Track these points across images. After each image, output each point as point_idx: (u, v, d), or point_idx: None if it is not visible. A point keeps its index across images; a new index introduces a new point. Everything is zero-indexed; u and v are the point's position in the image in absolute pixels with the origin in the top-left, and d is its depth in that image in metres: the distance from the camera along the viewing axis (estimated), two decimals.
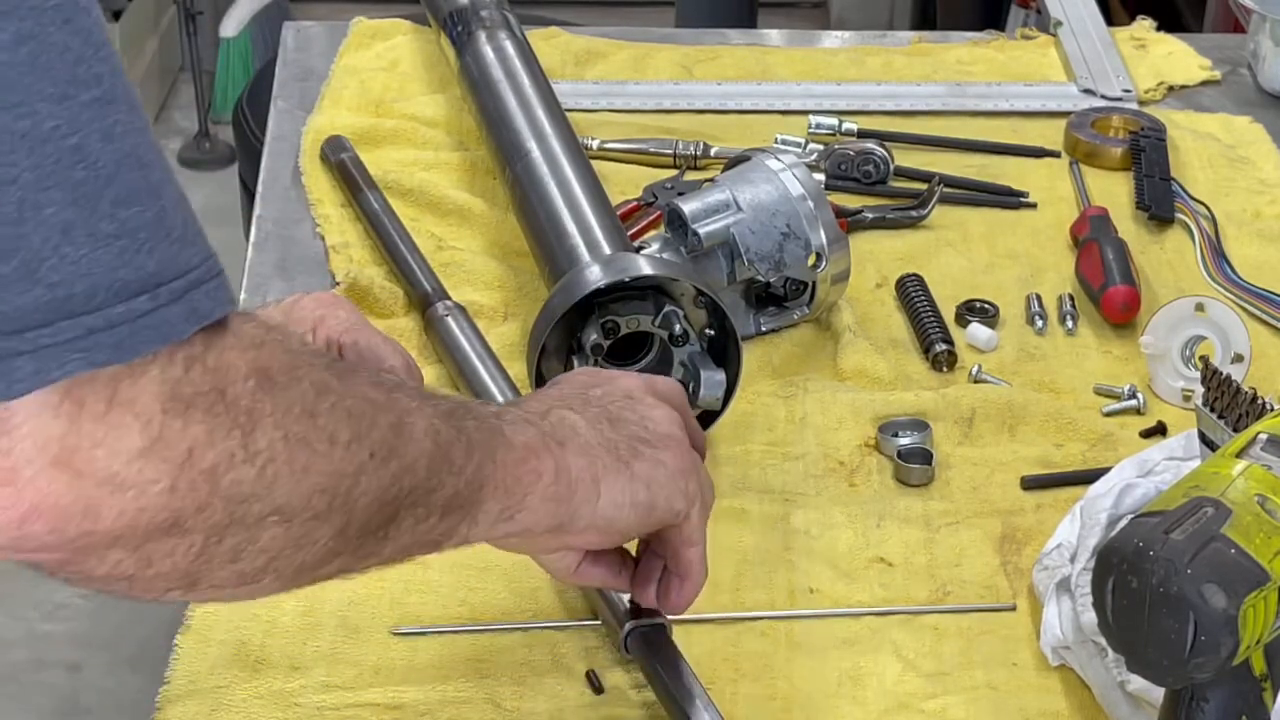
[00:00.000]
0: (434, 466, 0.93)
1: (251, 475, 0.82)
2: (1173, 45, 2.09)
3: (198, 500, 0.80)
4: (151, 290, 0.77)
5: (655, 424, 1.08)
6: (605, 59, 2.03)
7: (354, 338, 1.25)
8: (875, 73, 2.02)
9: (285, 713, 1.19)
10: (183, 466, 0.79)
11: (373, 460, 0.88)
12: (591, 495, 1.03)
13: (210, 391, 0.80)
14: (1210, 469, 0.97)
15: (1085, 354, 1.56)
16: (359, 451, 0.87)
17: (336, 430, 0.86)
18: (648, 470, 1.06)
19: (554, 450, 1.01)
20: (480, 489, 0.96)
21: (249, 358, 0.82)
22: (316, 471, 0.85)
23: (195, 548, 0.82)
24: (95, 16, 0.77)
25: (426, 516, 0.93)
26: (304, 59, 2.02)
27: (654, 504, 1.06)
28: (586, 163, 1.59)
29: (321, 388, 0.86)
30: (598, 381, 1.11)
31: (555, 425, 1.03)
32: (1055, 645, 1.23)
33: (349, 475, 0.87)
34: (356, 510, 0.88)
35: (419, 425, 0.92)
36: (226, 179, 3.73)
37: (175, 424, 0.79)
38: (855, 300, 1.60)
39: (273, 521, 0.84)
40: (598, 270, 1.39)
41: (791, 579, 1.31)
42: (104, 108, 0.76)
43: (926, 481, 1.40)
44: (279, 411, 0.83)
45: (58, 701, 2.76)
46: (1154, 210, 1.74)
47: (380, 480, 0.89)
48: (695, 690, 1.16)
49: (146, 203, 0.78)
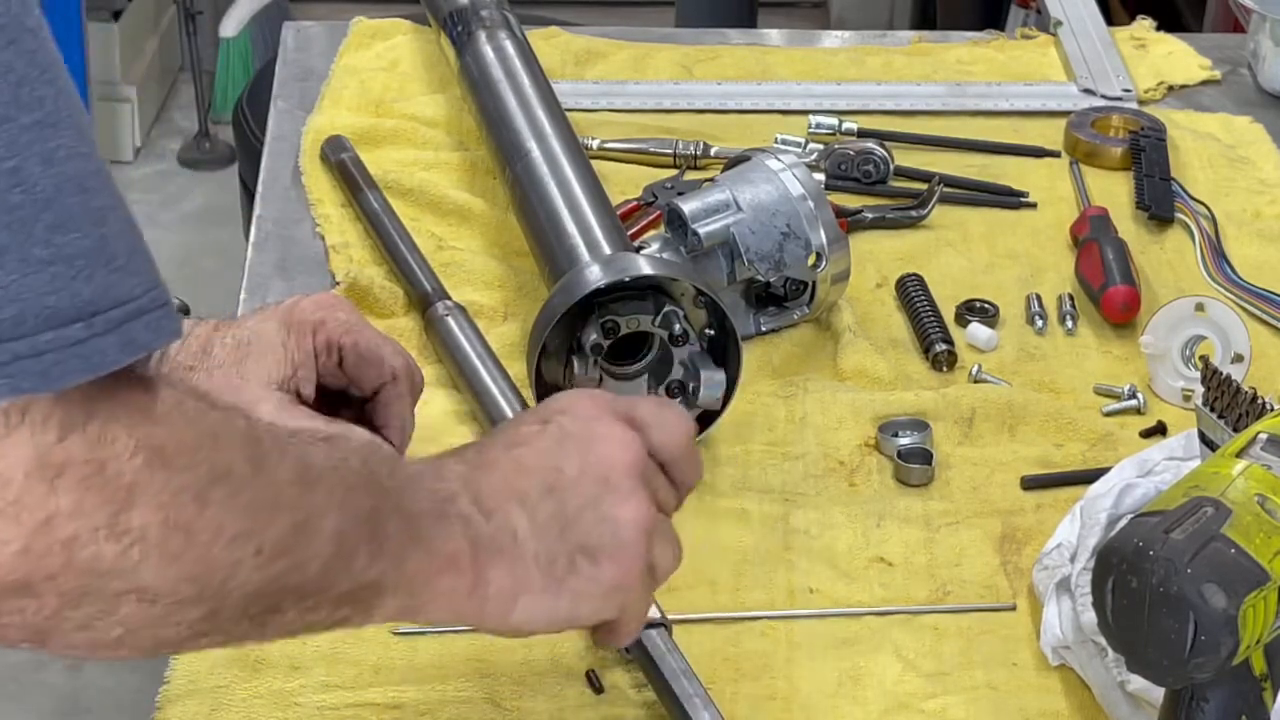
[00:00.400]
0: (330, 568, 0.89)
1: (114, 553, 0.79)
2: (1173, 45, 2.09)
3: (49, 568, 0.78)
4: (86, 319, 0.76)
5: (616, 528, 1.02)
6: (605, 59, 2.03)
7: (354, 340, 1.25)
8: (875, 73, 2.02)
9: (285, 712, 1.19)
10: (37, 532, 0.77)
11: (258, 557, 0.84)
12: (506, 608, 0.99)
13: (86, 463, 0.77)
14: (1210, 469, 0.97)
15: (1085, 354, 1.56)
16: (243, 546, 0.84)
17: (225, 522, 0.83)
18: (579, 587, 1.01)
19: (481, 561, 0.97)
20: (380, 592, 0.93)
21: (141, 433, 0.79)
22: (190, 560, 0.81)
23: (46, 610, 0.79)
24: (43, 39, 0.76)
25: (315, 608, 0.90)
26: (304, 59, 2.02)
27: (575, 618, 1.02)
28: (586, 163, 1.59)
29: (223, 474, 0.83)
30: (585, 441, 1.04)
31: (497, 530, 0.98)
32: (1055, 645, 1.23)
33: (225, 568, 0.83)
34: (229, 600, 0.84)
35: (326, 527, 0.88)
36: (226, 179, 3.73)
37: (38, 489, 0.76)
38: (855, 300, 1.60)
39: (133, 599, 0.81)
40: (598, 270, 1.39)
41: (791, 579, 1.31)
42: (46, 131, 0.75)
43: (926, 481, 1.40)
44: (165, 493, 0.80)
45: (58, 701, 2.76)
46: (1154, 210, 1.74)
47: (262, 576, 0.85)
48: (695, 690, 1.16)
49: (86, 229, 0.76)
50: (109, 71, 3.87)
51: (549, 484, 1.01)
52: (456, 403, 1.46)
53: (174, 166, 4.02)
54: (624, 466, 1.03)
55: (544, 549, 0.99)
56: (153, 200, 3.89)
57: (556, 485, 1.01)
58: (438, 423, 1.42)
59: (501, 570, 0.98)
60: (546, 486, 1.01)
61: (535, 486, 1.01)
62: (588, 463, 1.03)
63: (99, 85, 3.79)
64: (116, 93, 3.92)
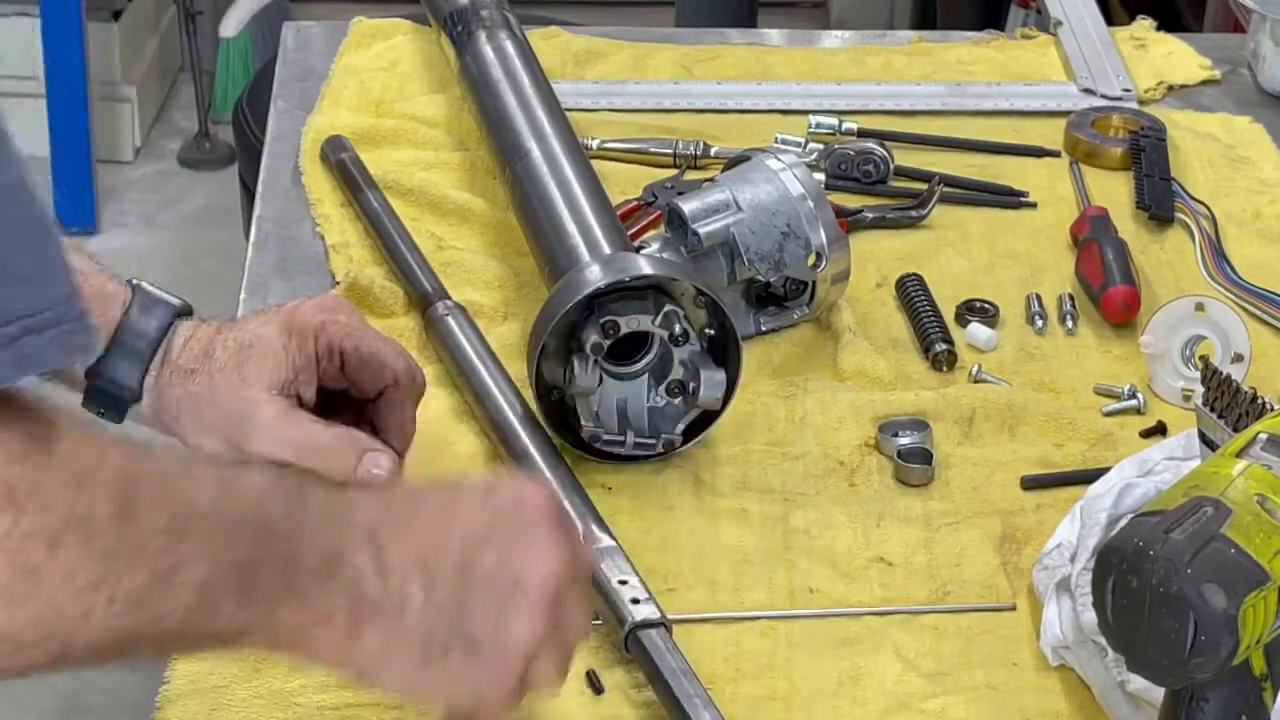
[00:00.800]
0: (190, 619, 0.87)
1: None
2: (1173, 45, 2.09)
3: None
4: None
5: (504, 636, 0.98)
6: (605, 59, 2.03)
7: (355, 344, 1.25)
8: (875, 73, 2.02)
9: (285, 713, 1.18)
10: None
11: (111, 606, 0.82)
12: (376, 668, 0.96)
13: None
14: (1210, 469, 0.97)
15: (1085, 354, 1.56)
16: (94, 596, 0.81)
17: (77, 570, 0.80)
18: (446, 673, 0.98)
19: (359, 619, 0.94)
20: (245, 636, 0.91)
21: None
22: (36, 605, 0.80)
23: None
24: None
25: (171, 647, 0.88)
26: (304, 59, 2.02)
27: (433, 697, 1.00)
28: (586, 163, 1.59)
29: (82, 519, 0.80)
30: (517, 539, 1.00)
31: (388, 593, 0.95)
32: (1055, 645, 1.23)
33: (74, 617, 0.81)
34: (76, 646, 0.82)
35: (191, 578, 0.86)
36: (226, 179, 3.73)
37: None
38: (855, 300, 1.60)
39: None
40: (598, 270, 1.39)
41: (791, 579, 1.31)
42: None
43: (926, 481, 1.40)
44: (13, 535, 0.78)
45: (58, 701, 2.76)
46: (1154, 210, 1.74)
47: (115, 625, 0.83)
48: (695, 690, 1.16)
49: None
50: (109, 71, 3.87)
51: (463, 565, 0.98)
52: (457, 402, 1.46)
53: (174, 166, 4.01)
54: (540, 581, 0.99)
55: (429, 625, 0.96)
56: (153, 200, 3.89)
57: (470, 571, 0.98)
58: (438, 422, 1.42)
59: (377, 632, 0.95)
60: (460, 567, 0.97)
61: (449, 563, 0.97)
62: (510, 562, 0.99)
63: (99, 85, 3.79)
64: (116, 93, 3.92)
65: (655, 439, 1.40)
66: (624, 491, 1.39)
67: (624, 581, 1.24)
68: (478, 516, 1.00)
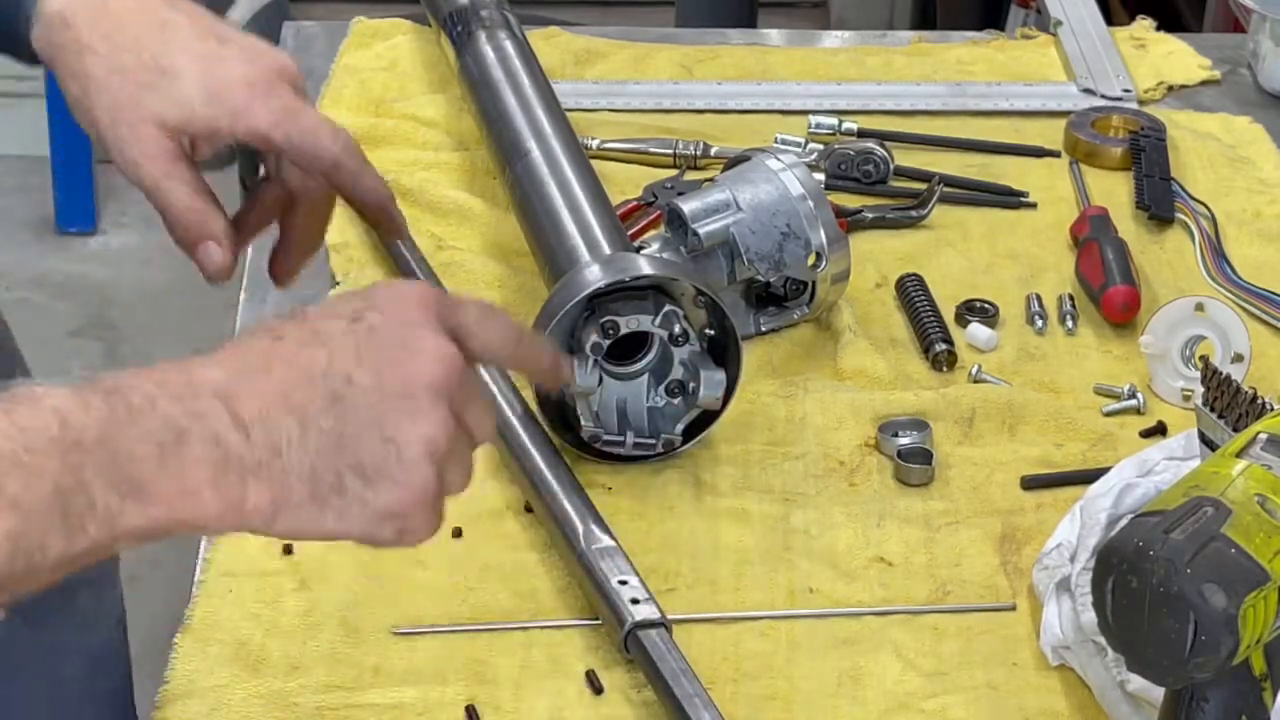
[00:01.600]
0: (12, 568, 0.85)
1: None
2: (1173, 45, 2.09)
3: None
4: None
5: (400, 450, 0.93)
6: (605, 59, 2.03)
7: (285, 131, 1.15)
8: (875, 73, 2.02)
9: (285, 713, 1.19)
10: None
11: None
12: (268, 522, 0.93)
13: None
14: (1210, 469, 0.97)
15: (1085, 354, 1.56)
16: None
17: None
18: (346, 507, 0.93)
19: (230, 482, 0.91)
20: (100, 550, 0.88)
21: None
22: None
23: None
24: None
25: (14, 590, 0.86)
26: (304, 59, 2.02)
27: (345, 535, 0.95)
28: (586, 163, 1.59)
29: None
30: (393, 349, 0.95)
31: (257, 445, 0.91)
32: (1055, 645, 1.23)
33: None
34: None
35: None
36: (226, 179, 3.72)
37: None
38: (855, 300, 1.60)
39: None
40: (598, 270, 1.39)
41: (791, 579, 1.31)
42: None
43: (926, 481, 1.40)
44: None
45: None
46: (1154, 210, 1.74)
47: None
48: (695, 690, 1.16)
49: None
50: None
51: (336, 394, 0.93)
52: None
53: None
54: (429, 383, 0.94)
55: (309, 464, 0.92)
56: None
57: (344, 396, 0.93)
58: None
59: (259, 487, 0.91)
60: (333, 397, 0.93)
61: (319, 397, 0.93)
62: (389, 375, 0.94)
63: None
64: None
65: (655, 439, 1.40)
66: (624, 491, 1.39)
67: (624, 581, 1.24)
68: (343, 341, 0.95)
